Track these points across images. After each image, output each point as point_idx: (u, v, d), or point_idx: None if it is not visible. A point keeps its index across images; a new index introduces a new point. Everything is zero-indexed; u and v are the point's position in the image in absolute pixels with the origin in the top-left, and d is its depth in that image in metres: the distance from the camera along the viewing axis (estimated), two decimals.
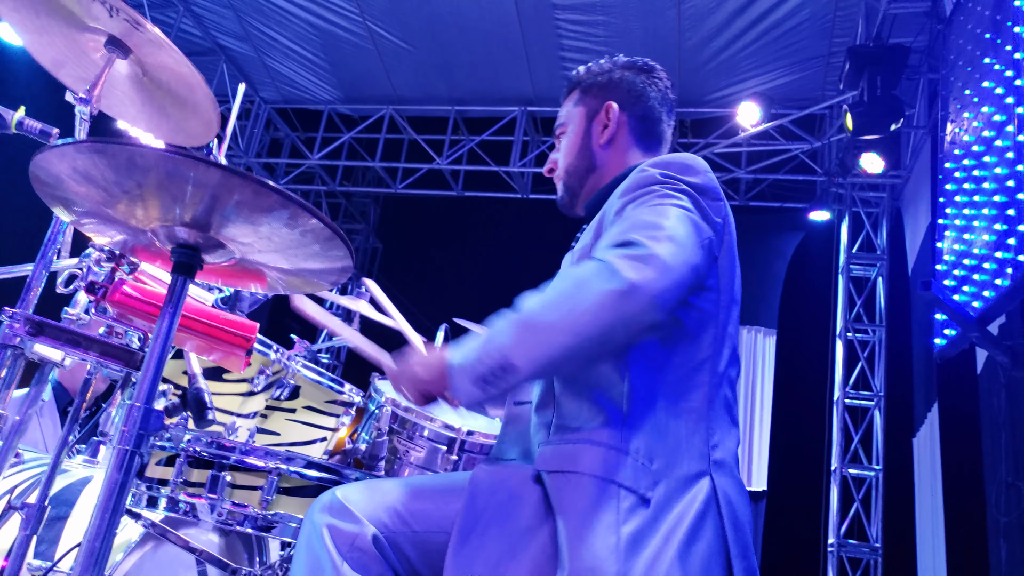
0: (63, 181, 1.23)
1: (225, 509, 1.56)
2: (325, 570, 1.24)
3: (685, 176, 1.39)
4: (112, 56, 1.70)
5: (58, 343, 1.50)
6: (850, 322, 7.63)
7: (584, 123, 1.68)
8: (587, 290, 1.19)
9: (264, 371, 1.95)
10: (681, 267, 1.22)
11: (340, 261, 1.36)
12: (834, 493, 7.22)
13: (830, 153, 7.58)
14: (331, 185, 9.06)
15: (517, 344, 1.22)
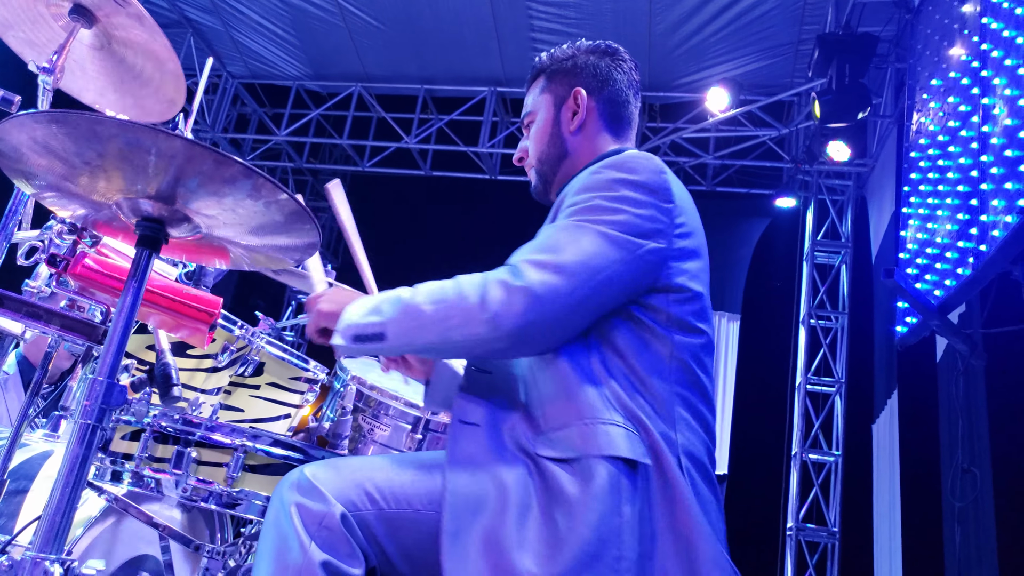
0: (23, 153, 1.21)
1: (190, 485, 1.56)
2: (292, 549, 1.23)
3: (636, 177, 1.42)
4: (76, 25, 1.67)
5: (18, 316, 1.48)
6: (813, 308, 7.74)
7: (553, 110, 1.68)
8: (461, 306, 1.32)
9: (228, 347, 1.93)
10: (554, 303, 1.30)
11: (306, 236, 1.36)
12: (794, 477, 7.36)
13: (797, 140, 7.66)
14: (298, 162, 8.94)
15: (395, 323, 1.36)
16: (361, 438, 2.14)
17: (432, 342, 1.35)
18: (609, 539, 1.21)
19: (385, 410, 2.15)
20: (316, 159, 9.25)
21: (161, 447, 1.59)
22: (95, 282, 1.53)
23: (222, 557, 1.77)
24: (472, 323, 1.30)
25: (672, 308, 1.40)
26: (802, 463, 7.37)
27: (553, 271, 1.32)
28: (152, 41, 1.71)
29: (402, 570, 1.31)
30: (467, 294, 1.32)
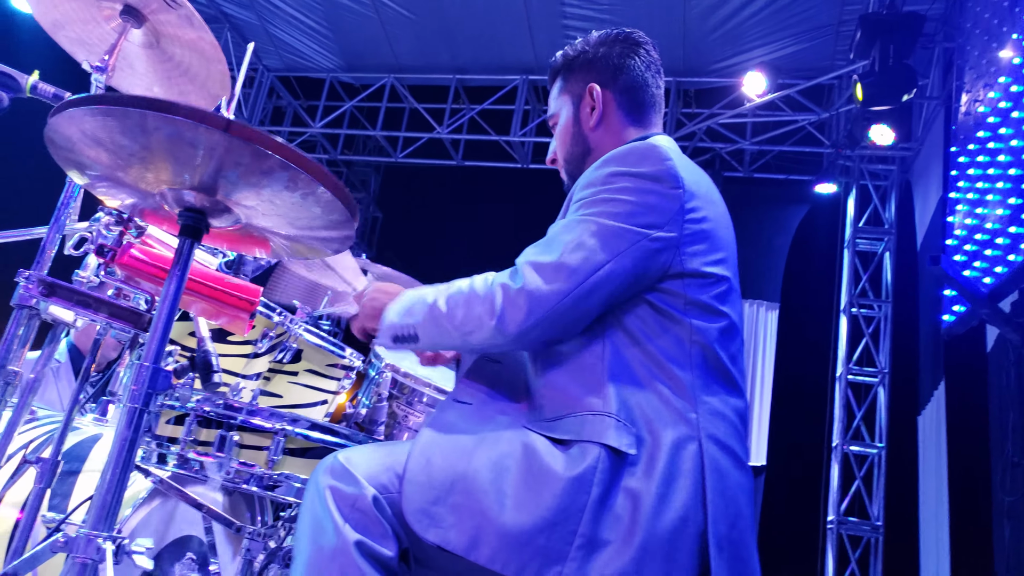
0: (75, 144, 1.25)
1: (233, 468, 1.61)
2: (327, 531, 1.26)
3: (638, 168, 1.42)
4: (127, 24, 1.74)
5: (69, 304, 1.56)
6: (855, 297, 7.59)
7: (572, 109, 1.70)
8: (473, 312, 1.40)
9: (267, 334, 1.95)
10: (557, 302, 1.35)
11: (343, 227, 1.39)
12: (835, 470, 7.23)
13: (838, 124, 7.49)
14: (333, 154, 9.01)
15: (423, 326, 1.46)
16: (396, 424, 2.17)
17: (456, 344, 1.46)
18: (572, 513, 1.24)
19: (419, 397, 2.18)
20: (350, 151, 9.33)
21: (205, 431, 1.63)
22: (140, 271, 1.57)
23: (262, 539, 1.79)
24: (483, 329, 1.38)
25: (690, 292, 1.40)
26: (843, 455, 7.24)
27: (554, 271, 1.36)
28: (200, 39, 1.78)
29: (433, 552, 1.32)
30: (477, 300, 1.40)
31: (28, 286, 1.57)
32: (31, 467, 1.70)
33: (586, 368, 1.39)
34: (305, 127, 8.68)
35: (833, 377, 7.55)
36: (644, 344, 1.38)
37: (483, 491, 1.27)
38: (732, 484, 1.33)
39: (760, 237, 8.20)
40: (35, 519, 1.64)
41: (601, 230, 1.38)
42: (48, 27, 1.79)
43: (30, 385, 1.70)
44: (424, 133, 8.32)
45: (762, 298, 8.24)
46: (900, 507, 6.82)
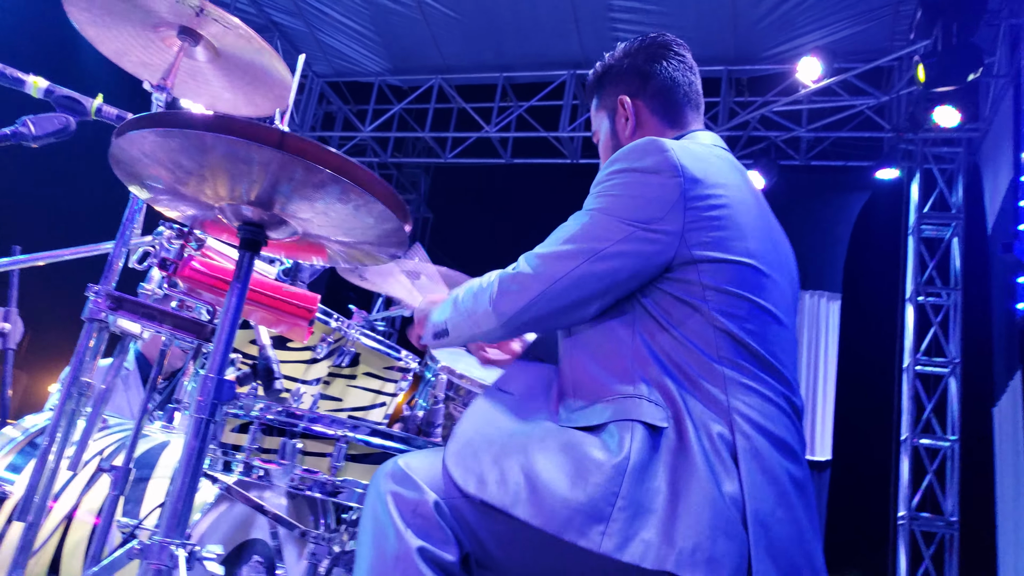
0: (138, 163, 1.30)
1: (297, 475, 1.64)
2: (389, 536, 1.27)
3: (637, 163, 1.45)
4: (184, 44, 1.82)
5: (136, 317, 1.62)
6: (921, 285, 7.34)
7: (609, 124, 1.75)
8: (479, 299, 1.50)
9: (326, 339, 1.99)
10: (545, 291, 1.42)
11: (396, 236, 1.42)
12: (904, 464, 7.00)
13: (899, 107, 7.25)
14: (383, 157, 9.12)
15: (451, 320, 1.57)
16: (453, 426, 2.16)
17: (473, 334, 1.54)
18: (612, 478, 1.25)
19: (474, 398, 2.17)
20: (400, 153, 9.42)
21: (268, 439, 1.66)
22: (201, 283, 1.61)
23: (327, 543, 1.82)
24: (486, 316, 1.48)
25: (705, 279, 1.41)
26: (913, 449, 7.00)
27: (544, 259, 1.44)
28: (260, 52, 1.86)
29: (496, 556, 1.33)
30: (483, 290, 1.50)
31: (97, 300, 1.63)
32: (104, 474, 1.76)
33: (614, 355, 1.42)
34: (355, 131, 8.80)
35: (900, 369, 7.31)
36: (669, 330, 1.40)
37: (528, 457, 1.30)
38: (774, 465, 1.32)
39: (819, 226, 8.00)
40: (111, 524, 1.70)
41: (595, 222, 1.44)
42: (111, 55, 1.88)
43: (102, 395, 1.75)
44: (472, 132, 8.36)
45: (823, 288, 8.04)
46: (976, 502, 6.57)
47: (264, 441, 1.65)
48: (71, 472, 1.86)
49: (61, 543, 1.89)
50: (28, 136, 1.53)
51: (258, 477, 1.66)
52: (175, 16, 1.77)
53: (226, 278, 1.62)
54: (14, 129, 1.53)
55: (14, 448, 2.13)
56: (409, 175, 9.99)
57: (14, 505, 2.00)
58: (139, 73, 1.92)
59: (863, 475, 7.31)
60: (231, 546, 2.03)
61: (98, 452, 2.08)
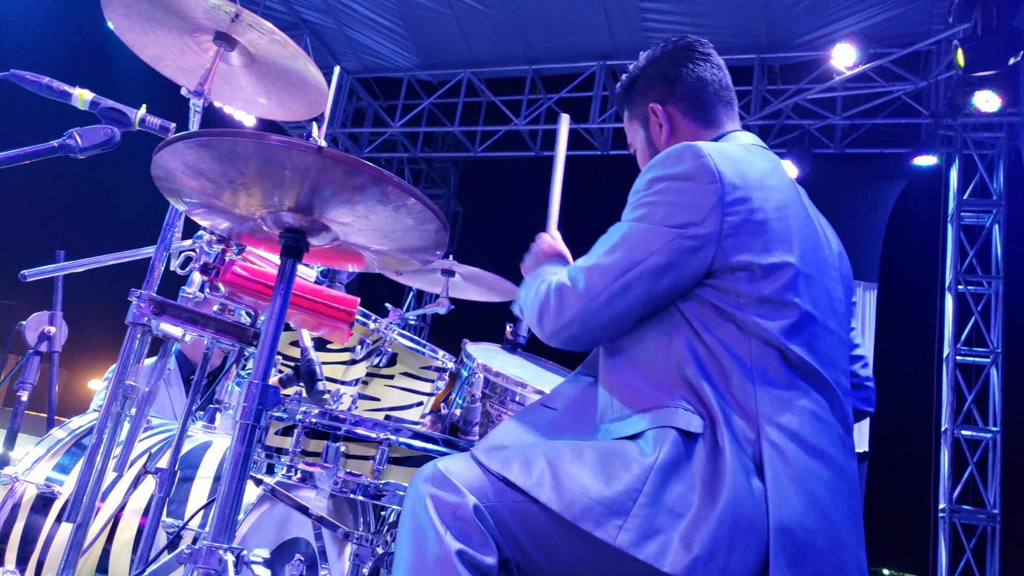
0: (176, 175, 1.32)
1: (340, 478, 1.64)
2: (429, 539, 1.28)
3: (673, 169, 1.45)
4: (220, 49, 1.84)
5: (179, 321, 1.64)
6: (961, 274, 7.19)
7: (644, 133, 1.76)
8: (534, 306, 1.53)
9: (364, 340, 2.00)
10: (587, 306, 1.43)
11: (435, 235, 1.41)
12: (945, 456, 6.88)
13: (937, 93, 7.09)
14: (413, 152, 9.15)
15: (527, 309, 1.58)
16: (490, 424, 2.17)
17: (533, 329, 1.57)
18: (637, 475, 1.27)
19: (511, 396, 2.17)
20: (429, 147, 9.44)
21: (312, 442, 1.67)
22: (243, 287, 1.63)
23: (370, 544, 1.83)
24: (535, 327, 1.52)
25: (741, 286, 1.40)
26: (954, 440, 6.88)
27: (587, 273, 1.44)
28: (295, 57, 1.87)
29: (537, 560, 1.33)
30: (538, 299, 1.52)
31: (140, 305, 1.65)
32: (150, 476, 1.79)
33: (652, 365, 1.42)
34: (385, 127, 8.84)
35: (939, 359, 7.17)
36: (703, 337, 1.39)
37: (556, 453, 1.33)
38: (804, 473, 1.30)
39: (855, 215, 7.87)
40: (157, 525, 1.73)
41: (634, 232, 1.44)
42: (148, 60, 1.91)
43: (146, 397, 1.78)
44: (502, 126, 8.35)
45: (859, 278, 7.90)
46: (1018, 494, 6.46)
47: (309, 444, 1.67)
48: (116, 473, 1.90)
49: (109, 543, 1.93)
50: (75, 148, 1.55)
51: (302, 479, 1.67)
52: (211, 22, 1.79)
53: (267, 282, 1.64)
54: (62, 141, 1.56)
55: (61, 449, 2.18)
56: (439, 169, 10.01)
57: (62, 505, 2.05)
58: (176, 78, 1.95)
59: (902, 467, 7.21)
60: (273, 545, 2.06)
61: (144, 452, 2.12)
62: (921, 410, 7.11)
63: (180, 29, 1.82)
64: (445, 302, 2.69)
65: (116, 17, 1.79)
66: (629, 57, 7.72)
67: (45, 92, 1.61)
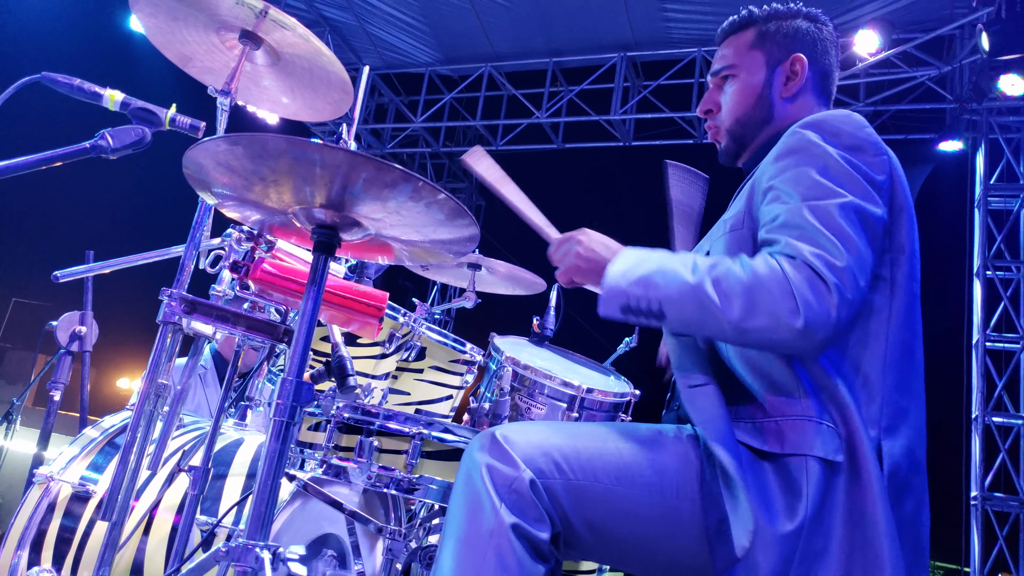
0: (209, 172, 1.32)
1: (374, 473, 1.63)
2: (485, 508, 1.26)
3: (840, 138, 1.35)
4: (246, 48, 1.83)
5: (209, 319, 1.63)
6: (989, 259, 7.08)
7: (765, 71, 1.61)
8: (762, 302, 1.23)
9: (394, 335, 2.00)
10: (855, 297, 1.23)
11: (466, 229, 1.40)
12: (976, 443, 6.80)
13: (962, 78, 6.97)
14: (435, 147, 9.16)
15: (679, 307, 1.29)
16: (519, 417, 2.17)
17: (719, 334, 1.31)
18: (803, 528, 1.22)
19: (540, 389, 2.17)
20: (451, 142, 9.45)
21: (345, 437, 1.68)
22: (274, 285, 1.63)
23: (403, 539, 1.83)
24: (781, 328, 1.23)
25: (894, 271, 1.35)
26: (984, 427, 6.79)
27: (844, 269, 1.24)
28: (319, 54, 1.86)
29: (586, 539, 1.32)
30: (768, 294, 1.24)
31: (171, 303, 1.65)
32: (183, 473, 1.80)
33: (785, 367, 1.33)
34: (407, 123, 8.85)
35: (969, 345, 7.08)
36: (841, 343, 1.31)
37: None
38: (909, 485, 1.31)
39: None
40: (191, 523, 1.74)
41: (857, 216, 1.28)
42: (176, 61, 1.91)
43: (179, 396, 1.79)
44: (523, 119, 8.33)
45: None
46: None
47: (342, 440, 1.67)
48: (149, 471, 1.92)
49: (143, 541, 1.96)
50: (107, 149, 1.56)
51: (335, 475, 1.68)
52: (237, 20, 1.79)
53: (297, 279, 1.64)
54: (93, 143, 1.56)
55: (94, 448, 2.20)
56: (461, 164, 10.01)
57: (97, 503, 2.08)
58: (203, 78, 1.95)
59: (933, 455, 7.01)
60: (305, 540, 2.08)
61: (177, 450, 2.14)
62: (951, 397, 7.02)
63: (206, 27, 1.82)
64: (472, 296, 2.69)
65: (144, 16, 1.79)
66: (649, 48, 7.66)
67: (76, 94, 1.62)
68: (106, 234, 5.93)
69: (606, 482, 1.31)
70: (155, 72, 5.95)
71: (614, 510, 1.29)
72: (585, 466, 1.32)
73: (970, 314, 7.12)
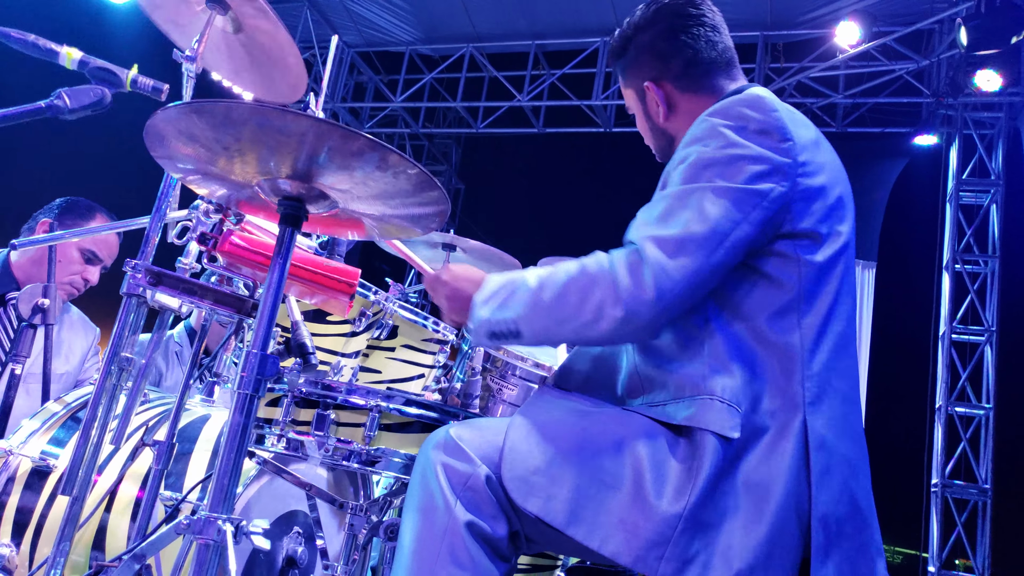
0: (170, 142, 1.28)
1: (331, 446, 1.61)
2: (439, 507, 1.25)
3: (743, 123, 1.33)
4: (213, 12, 1.77)
5: (175, 292, 1.59)
6: (959, 253, 7.20)
7: (640, 105, 1.64)
8: (590, 296, 1.27)
9: (365, 313, 1.98)
10: (687, 279, 1.25)
11: (435, 203, 1.37)
12: (938, 432, 6.95)
13: (939, 72, 7.05)
14: (414, 127, 9.08)
15: (526, 319, 1.33)
16: (491, 397, 2.18)
17: (569, 338, 1.34)
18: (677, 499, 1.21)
19: (512, 370, 2.18)
20: (431, 123, 9.37)
21: (303, 411, 1.66)
22: (242, 258, 1.60)
23: (364, 513, 1.83)
24: (606, 319, 1.26)
25: (802, 252, 1.32)
26: (947, 416, 6.94)
27: (679, 246, 1.26)
28: (276, 31, 1.80)
29: (546, 531, 1.30)
30: (594, 285, 1.28)
31: (136, 275, 1.61)
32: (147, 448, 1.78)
33: (690, 348, 1.32)
34: (386, 102, 8.76)
35: (935, 336, 7.21)
36: (749, 318, 1.30)
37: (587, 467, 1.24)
38: (840, 460, 1.27)
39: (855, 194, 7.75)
40: (155, 498, 1.72)
41: (719, 196, 1.28)
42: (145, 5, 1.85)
43: (142, 370, 1.76)
44: (504, 102, 8.27)
45: (859, 256, 7.88)
46: (1010, 470, 6.52)
47: (299, 414, 1.65)
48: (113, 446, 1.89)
49: (106, 516, 1.93)
50: (63, 109, 1.50)
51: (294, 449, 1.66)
52: None
53: (266, 252, 1.60)
54: (49, 102, 1.50)
55: (56, 422, 2.17)
56: (440, 146, 9.94)
57: (59, 478, 2.04)
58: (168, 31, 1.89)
59: (897, 443, 7.26)
60: (272, 516, 2.06)
61: (141, 424, 2.11)
62: (916, 387, 7.17)
63: None
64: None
65: None
66: None
67: (31, 50, 1.54)
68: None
69: None
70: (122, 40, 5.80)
71: None
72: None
73: (938, 306, 7.24)
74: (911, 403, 7.22)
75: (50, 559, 1.61)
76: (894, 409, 7.37)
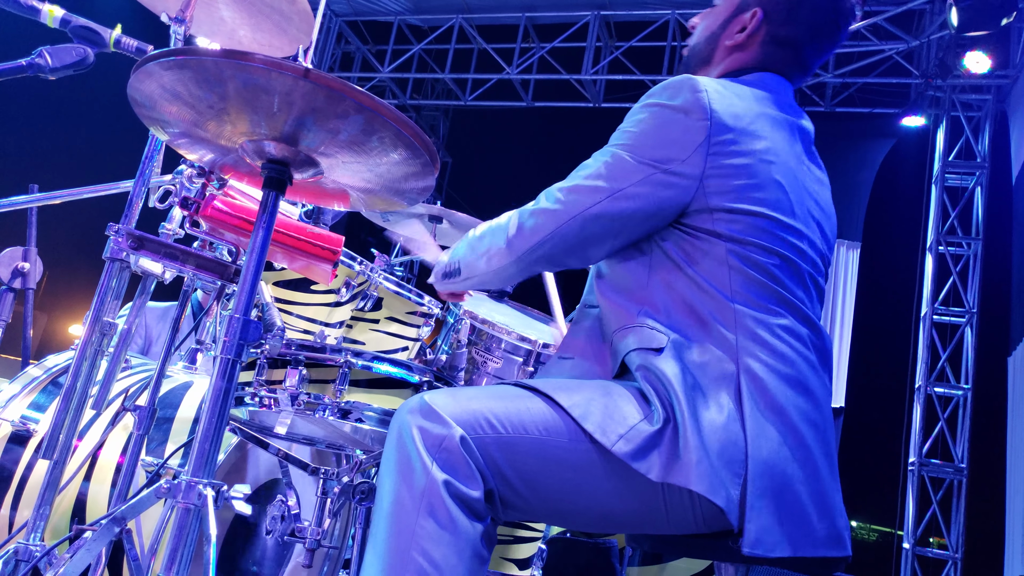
0: (156, 101, 1.26)
1: (303, 400, 1.65)
2: (416, 469, 1.27)
3: (669, 101, 1.43)
4: None
5: (158, 256, 1.59)
6: (942, 235, 7.25)
7: (727, 13, 1.62)
8: (496, 235, 1.51)
9: (349, 283, 1.97)
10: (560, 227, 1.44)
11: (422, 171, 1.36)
12: (917, 411, 7.05)
13: (928, 53, 7.04)
14: (402, 99, 8.99)
15: (463, 259, 1.59)
16: (475, 370, 2.18)
17: (483, 272, 1.55)
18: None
19: (497, 343, 2.18)
20: (419, 95, 9.29)
21: (276, 371, 1.69)
22: (225, 223, 1.58)
23: (336, 477, 1.85)
24: (499, 252, 1.49)
25: (720, 227, 1.41)
26: (926, 396, 7.03)
27: (565, 194, 1.44)
28: None
29: (523, 492, 1.33)
30: (500, 226, 1.50)
31: (118, 239, 1.60)
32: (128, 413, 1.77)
33: (634, 290, 1.45)
34: (374, 72, 8.67)
35: (917, 317, 7.29)
36: (684, 269, 1.41)
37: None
38: (783, 403, 1.32)
39: (842, 174, 7.87)
40: (136, 464, 1.71)
41: (616, 160, 1.43)
42: None
43: (125, 336, 1.75)
44: (493, 74, 8.21)
45: (843, 237, 7.95)
46: (985, 449, 6.65)
47: (272, 375, 1.67)
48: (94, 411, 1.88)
49: (86, 481, 1.93)
50: (45, 67, 1.48)
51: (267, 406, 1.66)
52: None
53: (249, 218, 1.59)
54: (30, 60, 1.47)
55: (37, 387, 2.15)
56: (428, 118, 9.87)
57: (39, 443, 2.03)
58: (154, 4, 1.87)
59: (876, 422, 7.36)
60: (255, 484, 2.07)
61: (123, 391, 2.10)
62: (897, 367, 7.26)
63: None
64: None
65: None
66: (624, 8, 7.58)
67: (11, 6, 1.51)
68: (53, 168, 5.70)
69: (536, 434, 1.33)
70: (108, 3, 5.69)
71: (547, 460, 1.31)
72: (514, 420, 1.33)
73: (920, 287, 7.31)
74: (891, 382, 7.31)
75: (30, 523, 1.60)
76: (874, 388, 7.46)
